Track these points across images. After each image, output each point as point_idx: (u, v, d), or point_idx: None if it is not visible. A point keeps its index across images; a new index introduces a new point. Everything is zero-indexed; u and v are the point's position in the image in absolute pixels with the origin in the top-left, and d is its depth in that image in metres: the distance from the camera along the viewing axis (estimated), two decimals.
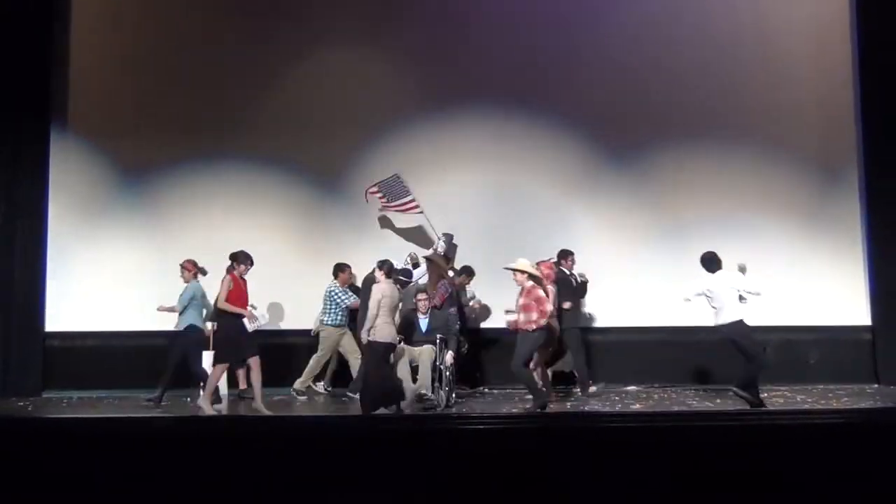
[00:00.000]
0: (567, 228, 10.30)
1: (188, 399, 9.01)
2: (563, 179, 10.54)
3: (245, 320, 8.10)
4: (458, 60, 10.69)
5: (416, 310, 8.94)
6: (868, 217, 10.33)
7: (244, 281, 8.28)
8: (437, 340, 8.62)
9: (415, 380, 8.45)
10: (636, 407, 8.50)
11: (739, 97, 10.53)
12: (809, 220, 10.30)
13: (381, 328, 7.99)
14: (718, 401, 8.81)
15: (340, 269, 9.61)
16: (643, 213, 10.47)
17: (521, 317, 8.12)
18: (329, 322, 9.48)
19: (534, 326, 8.04)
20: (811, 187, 10.44)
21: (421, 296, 8.90)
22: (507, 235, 10.32)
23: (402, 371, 8.44)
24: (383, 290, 8.07)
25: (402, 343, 8.58)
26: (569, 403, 8.73)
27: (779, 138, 10.44)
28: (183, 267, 9.13)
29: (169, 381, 8.98)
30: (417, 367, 8.51)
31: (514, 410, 8.37)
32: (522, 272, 8.19)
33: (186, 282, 9.08)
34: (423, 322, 8.88)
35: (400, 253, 9.99)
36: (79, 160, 10.64)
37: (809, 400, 8.76)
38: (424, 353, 8.49)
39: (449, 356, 8.59)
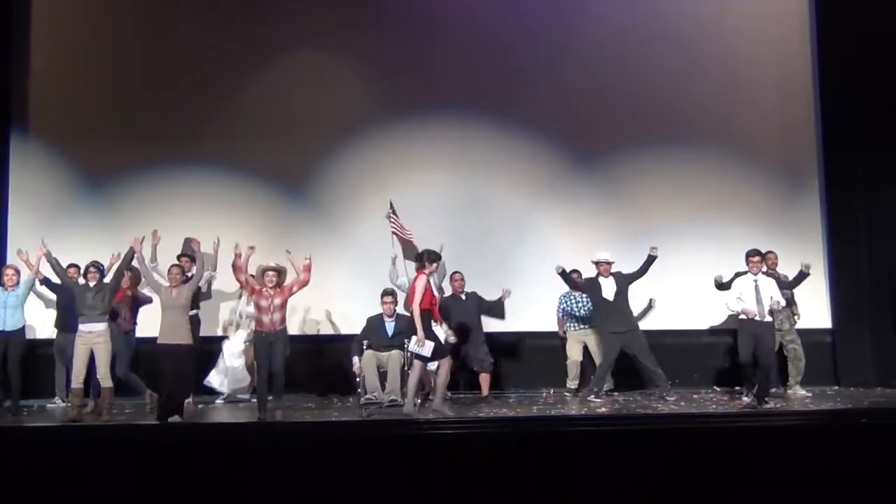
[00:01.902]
0: (534, 232, 10.36)
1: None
2: (530, 184, 10.59)
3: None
4: (425, 67, 10.69)
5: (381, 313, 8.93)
6: (829, 221, 10.50)
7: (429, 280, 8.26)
8: (405, 345, 8.60)
9: (384, 386, 8.42)
10: (602, 410, 8.54)
11: (702, 103, 10.65)
12: (771, 224, 10.42)
13: None
14: (683, 403, 8.89)
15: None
16: (609, 217, 10.54)
17: None
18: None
19: None
20: (773, 192, 10.59)
21: (387, 299, 8.87)
22: (475, 240, 10.36)
23: (371, 377, 8.40)
24: None
25: (368, 349, 8.56)
26: (535, 407, 8.75)
27: (741, 144, 10.57)
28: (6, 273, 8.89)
29: (19, 387, 8.82)
30: (385, 372, 8.48)
31: (480, 415, 8.37)
32: None
33: (11, 286, 8.82)
34: (389, 326, 8.85)
35: (366, 257, 10.03)
36: (40, 165, 10.49)
37: (771, 402, 8.86)
38: (393, 359, 8.46)
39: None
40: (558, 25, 10.77)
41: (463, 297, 9.52)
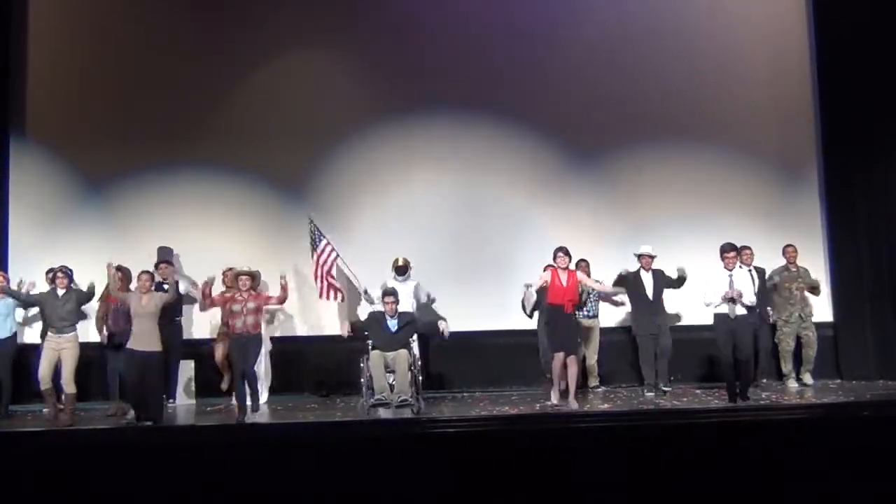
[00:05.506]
0: (532, 230, 10.35)
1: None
2: (527, 182, 10.58)
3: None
4: (422, 66, 10.67)
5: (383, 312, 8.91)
6: (828, 215, 10.49)
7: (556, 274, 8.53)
8: (410, 344, 8.58)
9: (392, 386, 8.40)
10: (604, 407, 8.54)
11: (698, 98, 10.65)
12: (770, 218, 10.40)
13: None
14: (685, 399, 8.89)
15: None
16: (607, 214, 10.54)
17: None
18: None
19: None
20: (771, 186, 10.59)
21: (388, 299, 8.84)
22: (473, 238, 10.36)
23: (379, 378, 8.37)
24: None
25: (373, 349, 8.53)
26: (537, 405, 8.74)
27: (738, 138, 10.56)
28: None
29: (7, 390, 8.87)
30: (394, 371, 8.46)
31: (483, 413, 8.36)
32: None
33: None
34: (392, 323, 8.83)
35: (364, 257, 10.01)
36: (39, 168, 10.48)
37: (774, 396, 8.87)
38: (401, 358, 8.43)
39: (415, 349, 8.61)
40: (555, 23, 10.75)
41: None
